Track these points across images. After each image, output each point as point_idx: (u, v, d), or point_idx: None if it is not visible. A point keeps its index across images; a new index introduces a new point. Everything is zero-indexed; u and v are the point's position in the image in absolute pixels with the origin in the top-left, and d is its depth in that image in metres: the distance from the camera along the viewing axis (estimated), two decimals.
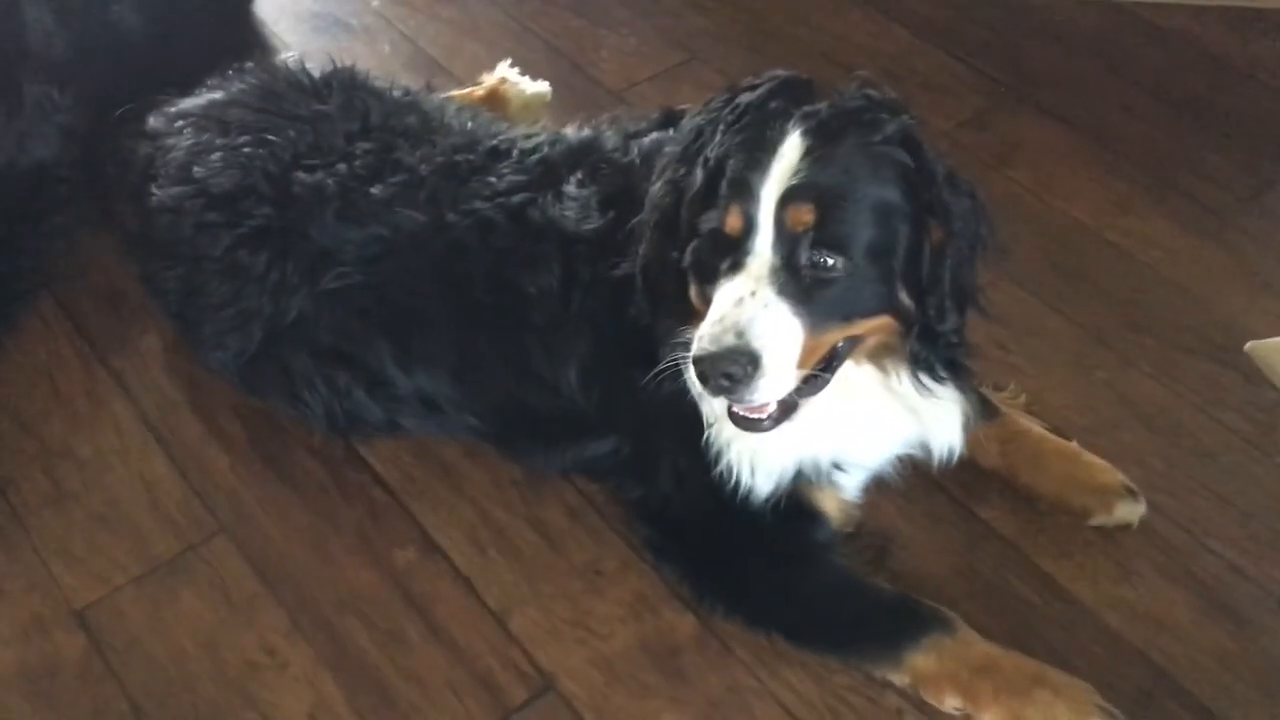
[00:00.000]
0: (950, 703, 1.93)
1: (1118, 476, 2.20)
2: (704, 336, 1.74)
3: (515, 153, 2.24)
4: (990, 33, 3.28)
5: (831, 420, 1.95)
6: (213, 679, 2.03)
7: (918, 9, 3.35)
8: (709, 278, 1.82)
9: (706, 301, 1.82)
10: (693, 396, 1.96)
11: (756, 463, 1.99)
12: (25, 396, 2.42)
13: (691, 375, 1.80)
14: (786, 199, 1.77)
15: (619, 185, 2.10)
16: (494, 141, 2.28)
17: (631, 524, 2.18)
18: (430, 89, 2.79)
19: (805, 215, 1.76)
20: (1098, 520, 2.18)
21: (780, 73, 1.94)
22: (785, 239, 1.77)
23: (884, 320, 1.87)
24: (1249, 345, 2.46)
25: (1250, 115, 3.04)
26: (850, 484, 2.09)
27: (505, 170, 2.20)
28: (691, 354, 1.76)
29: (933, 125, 2.44)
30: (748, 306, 1.74)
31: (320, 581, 2.15)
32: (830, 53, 3.24)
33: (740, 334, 1.73)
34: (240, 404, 2.39)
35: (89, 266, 2.64)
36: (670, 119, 2.24)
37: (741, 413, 1.83)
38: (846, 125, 1.82)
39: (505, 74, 2.98)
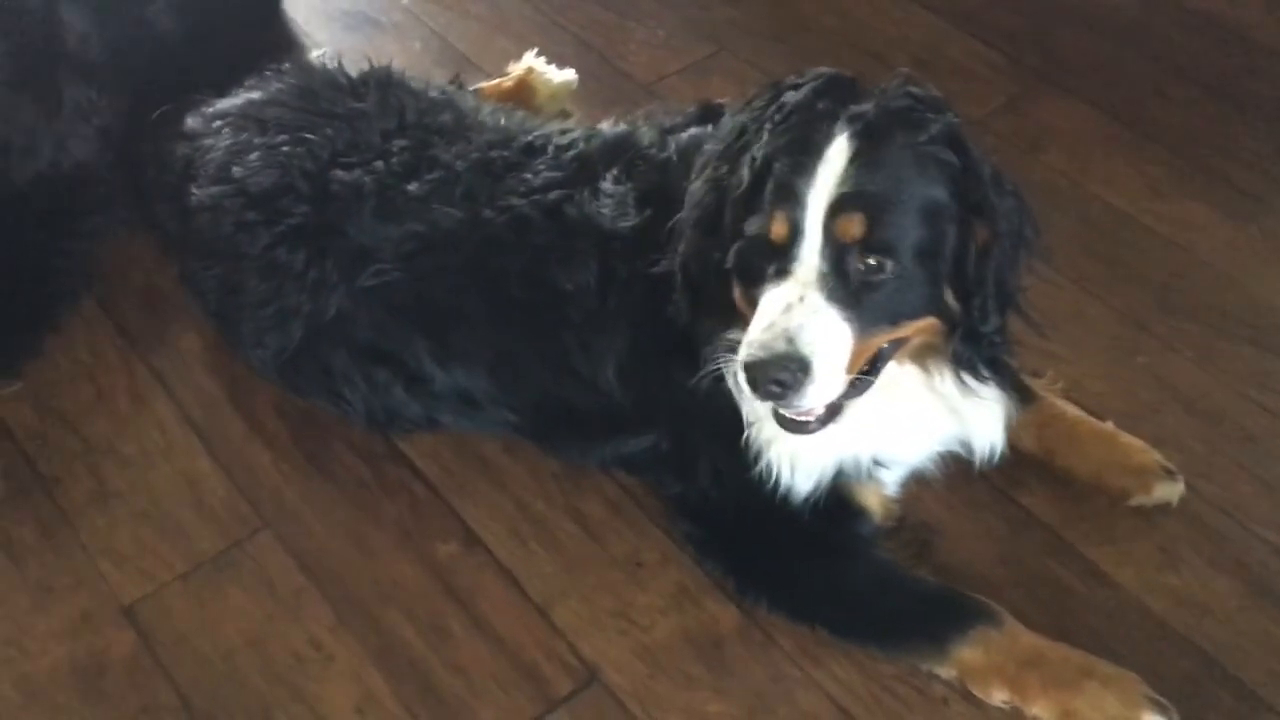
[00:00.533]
0: (998, 696, 1.93)
1: (1155, 456, 2.19)
2: (753, 343, 1.74)
3: (550, 149, 2.24)
4: (1020, 18, 3.26)
5: (874, 420, 1.94)
6: (260, 673, 2.05)
7: None
8: (754, 280, 1.81)
9: (751, 303, 1.81)
10: (733, 396, 1.95)
11: (797, 462, 1.99)
12: (69, 396, 2.44)
13: (739, 379, 1.79)
14: (836, 208, 1.75)
15: (655, 182, 2.09)
16: (529, 138, 2.28)
17: (672, 519, 2.18)
18: (460, 84, 2.81)
19: (855, 226, 1.75)
20: (1136, 500, 2.17)
21: (825, 70, 1.92)
22: (833, 246, 1.75)
23: (929, 321, 1.86)
24: None
25: None
26: (890, 479, 2.08)
27: (541, 167, 2.19)
28: (741, 359, 1.76)
29: (965, 112, 2.40)
30: (797, 312, 1.73)
31: (363, 576, 2.17)
32: (860, 41, 3.23)
33: (790, 340, 1.72)
34: (281, 401, 2.41)
35: (129, 267, 2.66)
36: (708, 114, 2.23)
37: (788, 415, 1.83)
38: (893, 126, 1.80)
39: (532, 64, 3.00)
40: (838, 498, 2.01)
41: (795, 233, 1.76)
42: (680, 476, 2.14)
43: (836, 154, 1.77)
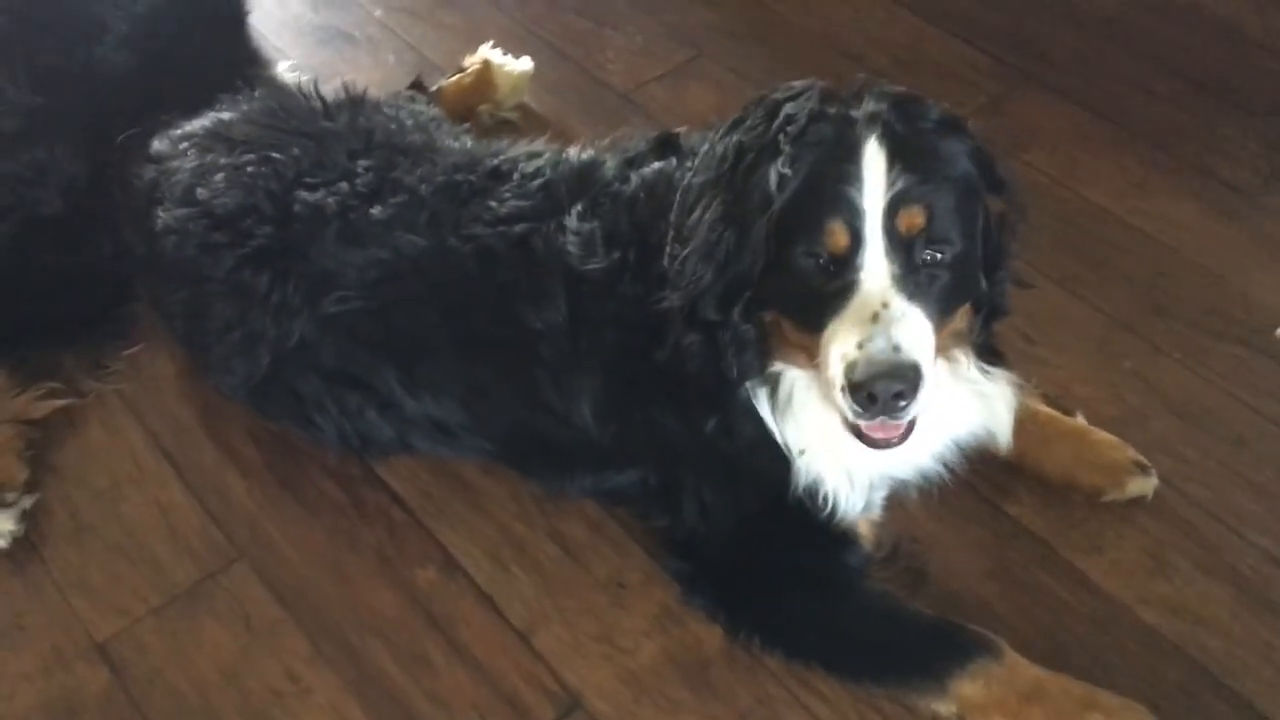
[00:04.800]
0: None
1: (1127, 452, 2.17)
2: (858, 362, 1.68)
3: (516, 176, 2.18)
4: (1002, 16, 3.23)
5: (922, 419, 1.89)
6: (236, 708, 2.01)
7: None
8: (805, 305, 1.77)
9: (805, 328, 1.77)
10: (761, 430, 1.92)
11: (855, 479, 1.96)
12: (40, 427, 2.39)
13: (843, 402, 1.72)
14: (895, 205, 1.72)
15: (622, 222, 2.03)
16: (495, 161, 2.23)
17: (660, 557, 2.14)
18: (420, 84, 2.85)
19: (918, 218, 1.72)
20: (1110, 497, 2.16)
21: (808, 81, 1.89)
22: (899, 245, 1.72)
23: (968, 307, 1.86)
24: None
25: (1269, 90, 2.98)
26: (877, 500, 2.04)
27: (507, 194, 2.14)
28: (849, 381, 1.69)
29: None
30: (886, 320, 1.69)
31: (341, 605, 2.13)
32: (841, 43, 3.20)
33: (898, 349, 1.68)
34: (255, 427, 2.37)
35: None
36: (667, 145, 2.17)
37: (877, 434, 1.78)
38: (907, 115, 1.79)
39: (488, 56, 2.97)
40: (827, 528, 1.97)
41: (856, 240, 1.72)
42: (667, 511, 2.10)
43: (873, 154, 1.74)
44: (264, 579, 2.17)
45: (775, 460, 1.95)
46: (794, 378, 1.89)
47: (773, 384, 1.90)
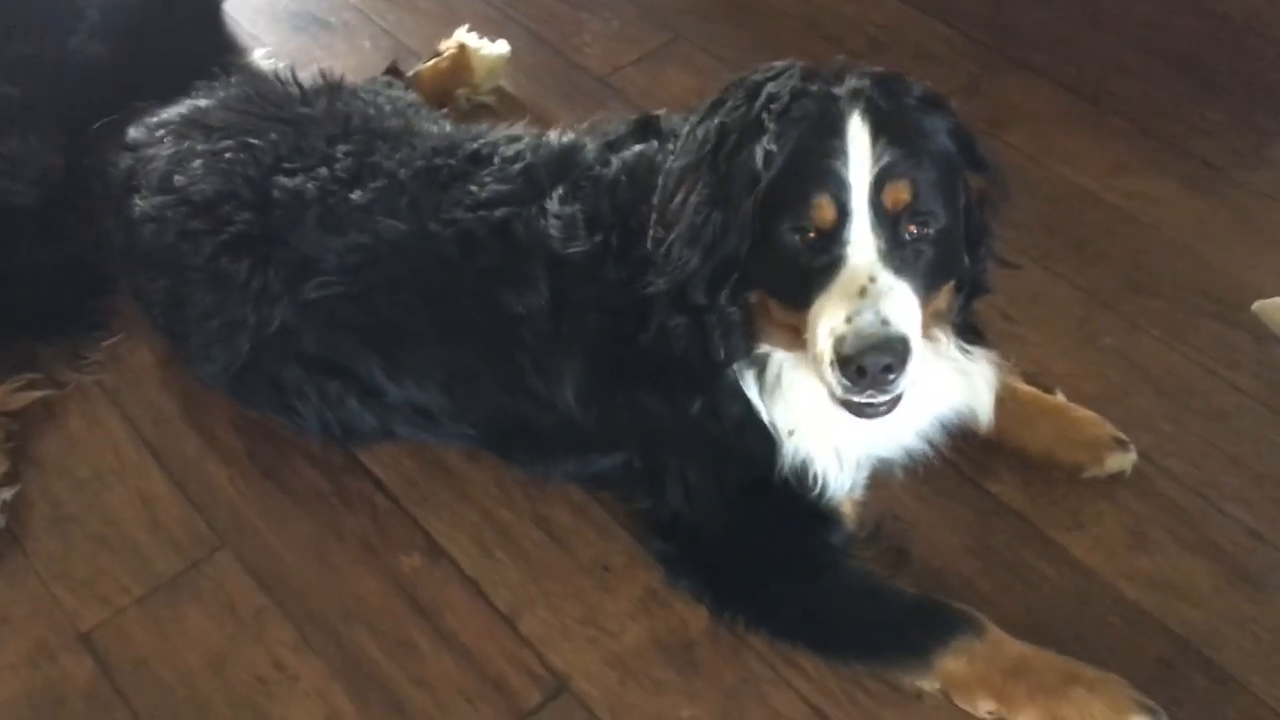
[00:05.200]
0: (984, 707, 1.89)
1: (1106, 428, 2.18)
2: (846, 336, 1.69)
3: (497, 159, 2.17)
4: None
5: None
6: (222, 696, 2.01)
7: None
8: (791, 284, 1.77)
9: (793, 305, 1.78)
10: (748, 411, 1.92)
11: (844, 458, 1.97)
12: (19, 419, 2.38)
13: (831, 376, 1.72)
14: (882, 180, 1.73)
15: (603, 206, 2.03)
16: (475, 145, 2.22)
17: (644, 539, 2.14)
18: (397, 72, 2.85)
19: (903, 193, 1.74)
20: (1090, 473, 2.17)
21: (788, 61, 1.90)
22: (885, 219, 1.73)
23: (950, 284, 1.87)
24: (1256, 304, 2.43)
25: (1247, 67, 2.99)
26: (859, 478, 2.04)
27: (487, 178, 2.13)
28: (837, 355, 1.70)
29: None
30: (874, 294, 1.70)
31: (326, 592, 2.13)
32: (818, 24, 3.19)
33: (886, 322, 1.69)
34: (237, 415, 2.36)
35: None
36: (647, 127, 2.17)
37: (864, 401, 1.77)
38: (890, 92, 1.80)
39: (464, 39, 2.97)
40: (810, 507, 1.98)
41: (843, 215, 1.73)
42: (651, 494, 2.10)
43: (857, 129, 1.74)
44: (247, 567, 2.16)
45: (761, 441, 1.95)
46: (781, 359, 1.90)
47: (760, 365, 1.91)
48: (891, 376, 1.70)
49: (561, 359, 2.04)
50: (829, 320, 1.72)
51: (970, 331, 2.00)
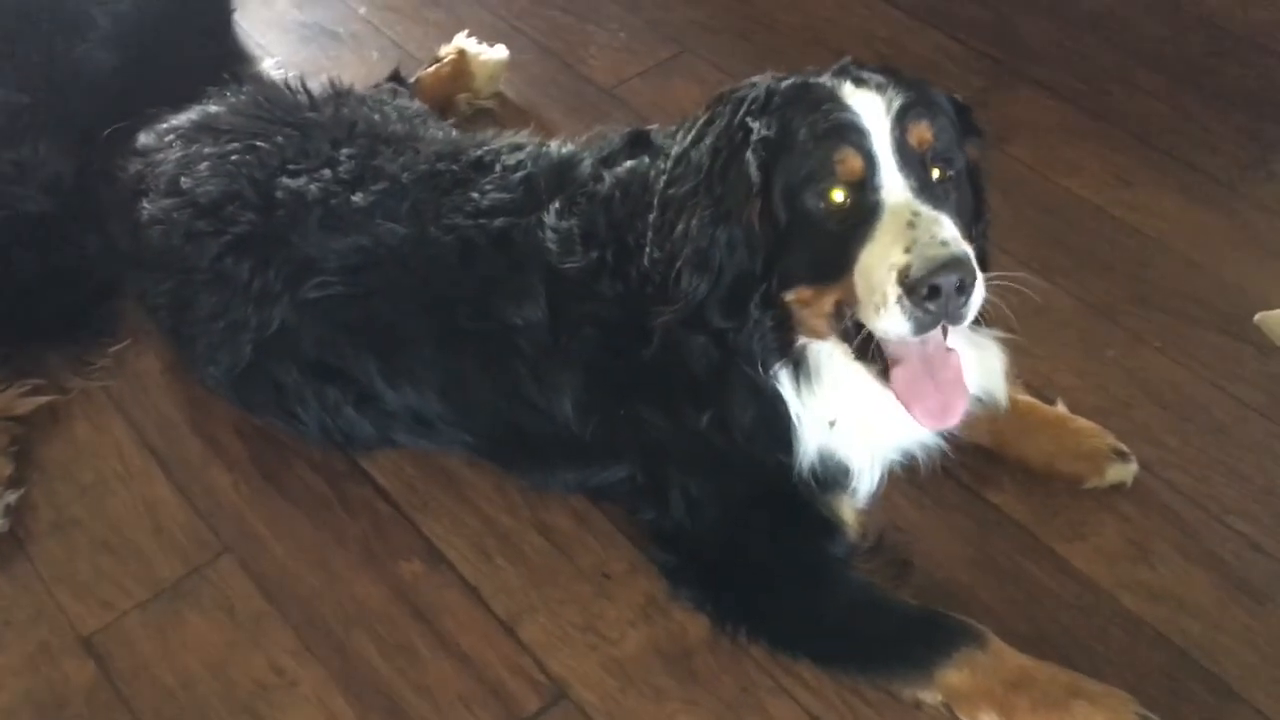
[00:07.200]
0: (986, 719, 1.88)
1: (1107, 440, 2.18)
2: (910, 263, 1.65)
3: (499, 168, 2.18)
4: (984, 9, 3.24)
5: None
6: (223, 701, 2.01)
7: None
8: (830, 251, 1.75)
9: (829, 280, 1.77)
10: (761, 416, 1.92)
11: (875, 450, 1.98)
12: (25, 423, 2.39)
13: (901, 309, 1.67)
14: (903, 119, 1.74)
15: (599, 222, 2.03)
16: (479, 152, 2.23)
17: (646, 549, 2.14)
18: (399, 79, 2.86)
19: (926, 131, 1.75)
20: (1091, 484, 2.17)
21: (768, 73, 1.92)
22: (912, 160, 1.74)
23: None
24: (1258, 316, 2.42)
25: (1251, 82, 3.00)
26: (864, 487, 2.03)
27: (488, 186, 2.14)
28: (903, 284, 1.65)
29: None
30: (923, 224, 1.68)
31: (327, 598, 2.13)
32: (823, 38, 3.20)
33: (944, 243, 1.66)
34: (240, 421, 2.37)
35: None
36: (638, 141, 2.17)
37: (930, 400, 1.78)
38: (876, 69, 1.84)
39: (463, 45, 2.99)
40: (813, 516, 1.98)
41: (869, 162, 1.73)
42: (654, 505, 2.10)
43: (853, 90, 1.78)
44: (249, 572, 2.17)
45: (773, 447, 1.94)
46: (819, 349, 1.88)
47: (797, 360, 1.89)
48: (964, 298, 1.68)
49: (560, 372, 2.04)
50: (884, 259, 1.69)
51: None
